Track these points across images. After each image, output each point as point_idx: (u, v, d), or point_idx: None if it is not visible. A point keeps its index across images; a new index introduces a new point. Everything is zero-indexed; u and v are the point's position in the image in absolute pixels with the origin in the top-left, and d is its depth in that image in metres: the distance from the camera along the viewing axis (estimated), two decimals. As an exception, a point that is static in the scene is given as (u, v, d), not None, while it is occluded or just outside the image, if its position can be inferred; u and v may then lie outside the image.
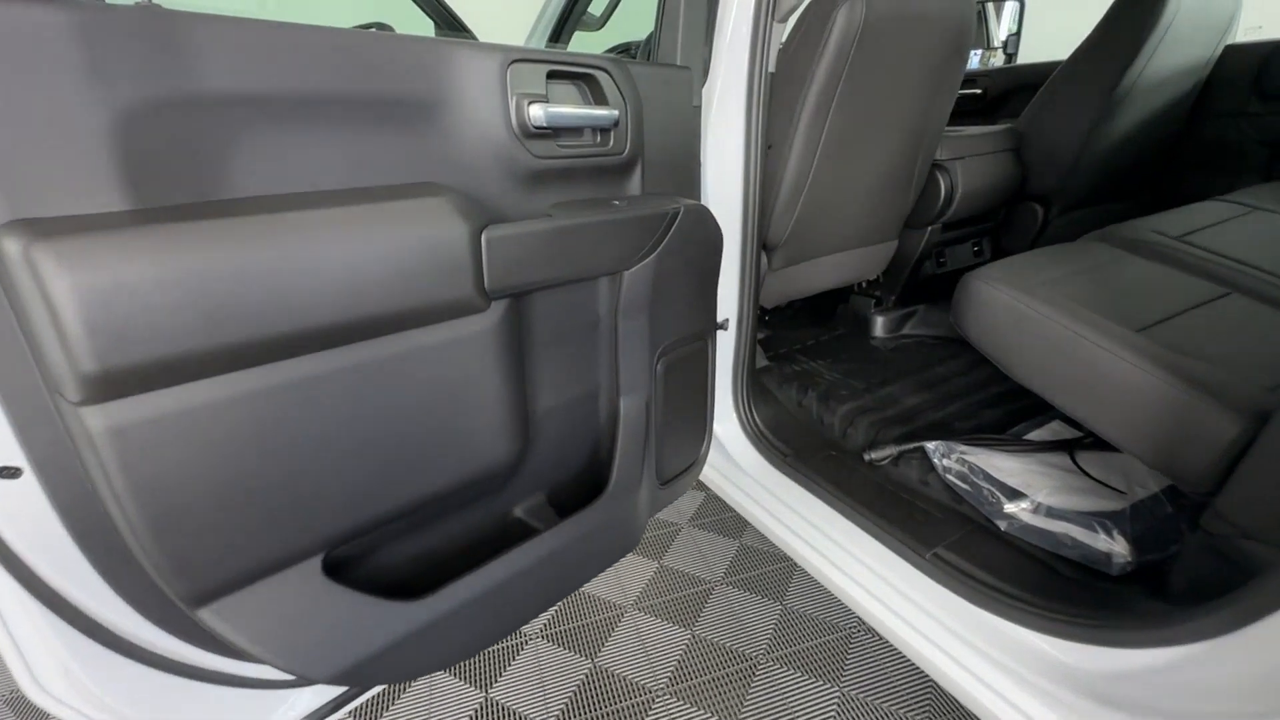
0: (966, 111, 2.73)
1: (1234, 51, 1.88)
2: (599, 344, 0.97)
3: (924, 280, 1.91)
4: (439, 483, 0.81)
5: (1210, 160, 2.00)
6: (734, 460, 1.46)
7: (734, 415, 1.47)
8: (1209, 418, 0.80)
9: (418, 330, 0.71)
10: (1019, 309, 1.01)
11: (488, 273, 0.73)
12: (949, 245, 1.89)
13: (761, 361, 1.76)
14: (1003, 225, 1.98)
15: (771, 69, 1.18)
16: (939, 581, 1.03)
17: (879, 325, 1.91)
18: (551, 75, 0.82)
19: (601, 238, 0.87)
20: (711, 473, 1.54)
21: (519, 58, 0.77)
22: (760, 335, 1.95)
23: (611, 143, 0.90)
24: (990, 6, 3.58)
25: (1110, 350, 0.90)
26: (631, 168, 0.96)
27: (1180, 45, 1.69)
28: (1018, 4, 3.04)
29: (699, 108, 1.08)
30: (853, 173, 1.52)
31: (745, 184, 1.22)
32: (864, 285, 1.96)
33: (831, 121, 1.36)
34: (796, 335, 1.95)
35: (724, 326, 1.37)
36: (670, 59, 1.04)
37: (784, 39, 1.28)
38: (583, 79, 0.87)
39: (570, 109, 0.83)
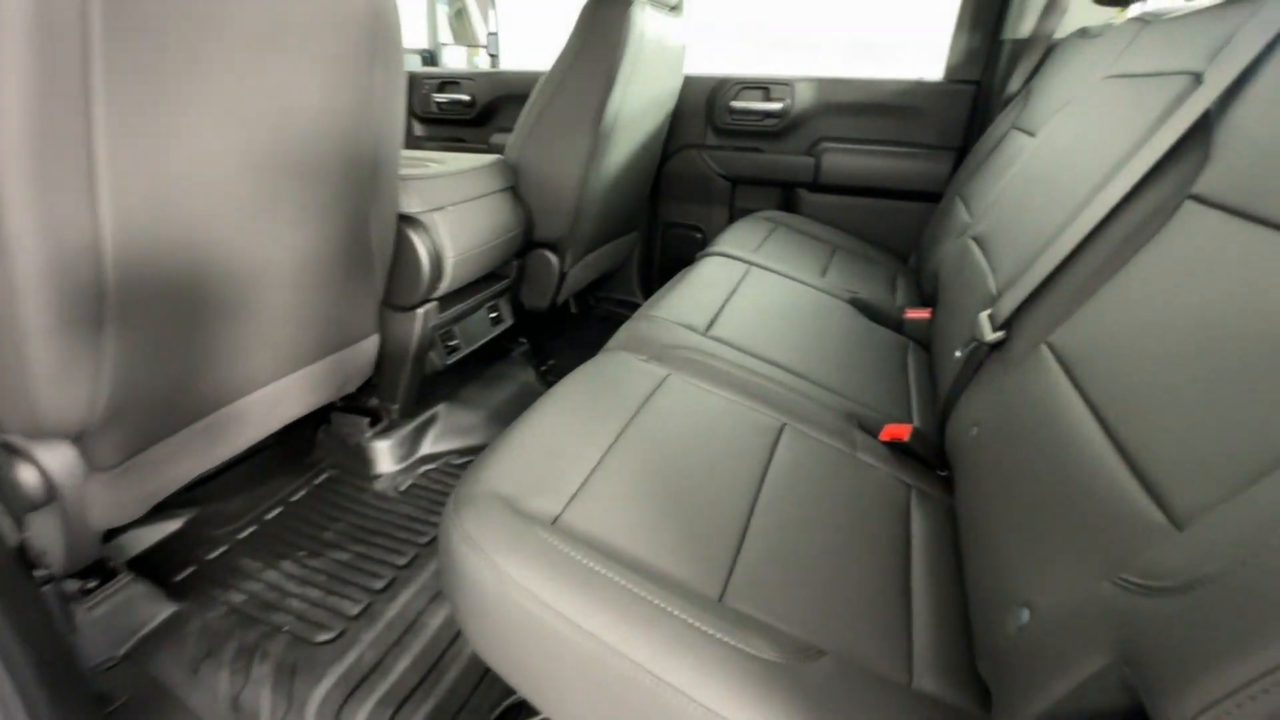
0: (455, 121, 2.28)
1: (690, 83, 1.86)
2: None
3: (437, 374, 1.35)
4: None
5: (685, 192, 2.01)
6: None
7: None
8: None
9: None
10: (542, 623, 0.51)
11: None
12: (459, 320, 1.37)
13: (158, 610, 0.92)
14: (519, 279, 1.57)
15: None
16: None
17: (383, 455, 1.27)
18: None
19: None
20: None
21: None
22: (175, 525, 1.08)
23: None
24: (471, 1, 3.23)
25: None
26: None
27: (651, 73, 1.52)
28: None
29: None
30: (238, 265, 0.80)
31: None
32: (350, 399, 1.28)
33: (118, 176, 0.61)
34: (243, 504, 1.15)
35: None
36: None
37: None
38: None
39: None
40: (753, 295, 1.20)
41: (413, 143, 2.33)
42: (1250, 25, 0.64)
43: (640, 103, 1.54)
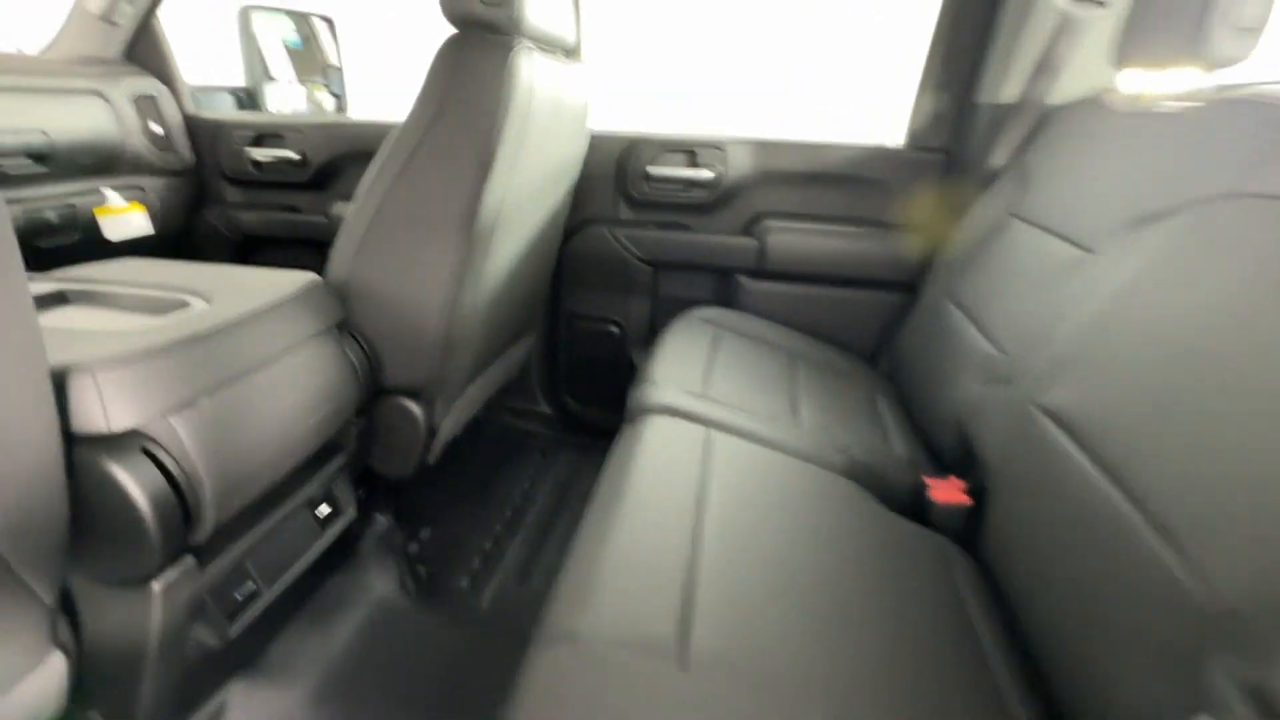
0: (282, 184, 1.71)
1: (594, 143, 1.44)
2: None
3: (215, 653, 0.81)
4: None
5: (594, 277, 1.57)
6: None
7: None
8: None
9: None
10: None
11: None
12: (252, 553, 0.84)
13: None
14: (365, 441, 1.05)
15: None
16: None
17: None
18: None
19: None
20: None
21: None
22: None
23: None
24: (317, 21, 2.63)
25: None
26: None
27: (547, 142, 1.08)
28: (328, 23, 2.18)
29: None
30: None
31: None
32: None
33: None
34: None
35: None
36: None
37: None
38: None
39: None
40: (728, 506, 0.78)
41: (224, 212, 1.72)
42: None
43: (534, 182, 1.09)
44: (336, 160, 1.65)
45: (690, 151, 1.47)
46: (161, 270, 0.93)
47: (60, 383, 0.58)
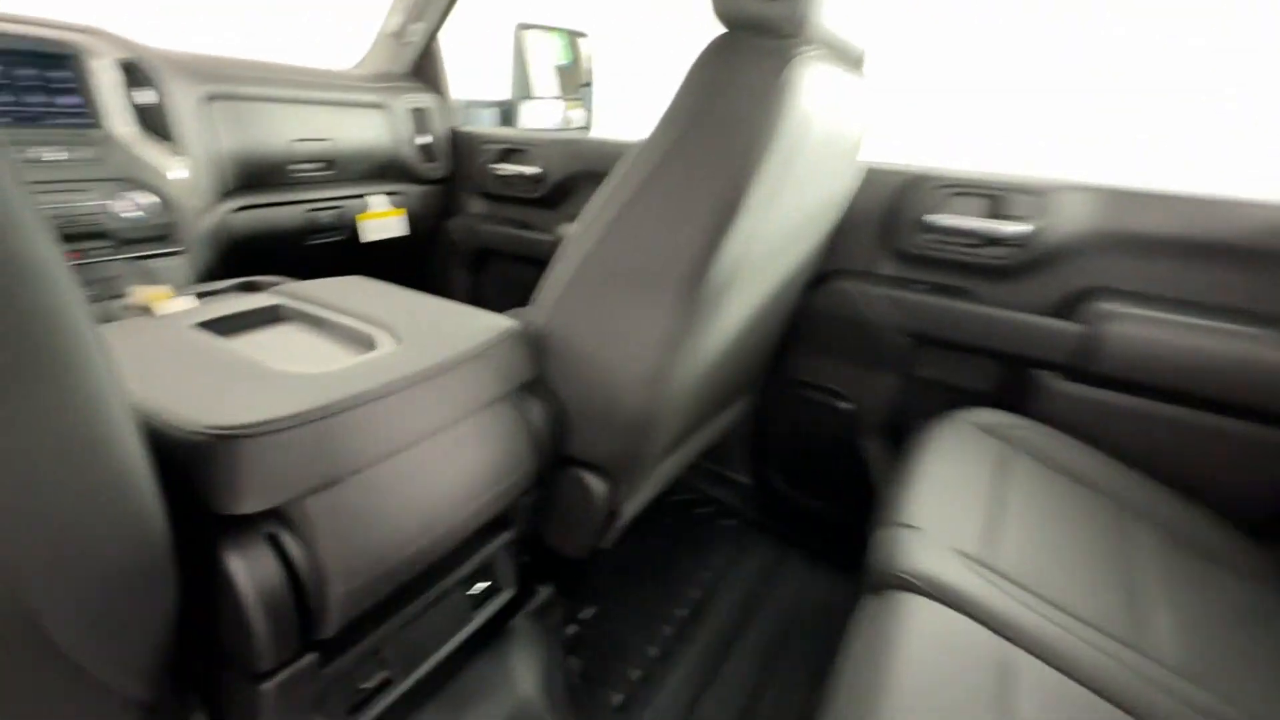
0: (520, 199, 1.70)
1: (872, 179, 1.15)
2: None
3: None
4: None
5: (830, 340, 1.27)
6: None
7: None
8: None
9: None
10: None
11: None
12: (391, 638, 0.73)
13: None
14: (539, 514, 0.90)
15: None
16: None
17: None
18: None
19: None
20: None
21: None
22: None
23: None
24: (581, 42, 2.71)
25: None
26: None
27: (814, 179, 0.83)
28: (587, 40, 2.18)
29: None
30: None
31: None
32: None
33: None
34: None
35: None
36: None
37: None
38: None
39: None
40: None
41: (466, 222, 1.77)
42: None
43: (788, 229, 0.85)
44: (572, 178, 1.58)
45: (992, 196, 1.10)
46: (375, 296, 0.87)
47: (195, 450, 0.48)
